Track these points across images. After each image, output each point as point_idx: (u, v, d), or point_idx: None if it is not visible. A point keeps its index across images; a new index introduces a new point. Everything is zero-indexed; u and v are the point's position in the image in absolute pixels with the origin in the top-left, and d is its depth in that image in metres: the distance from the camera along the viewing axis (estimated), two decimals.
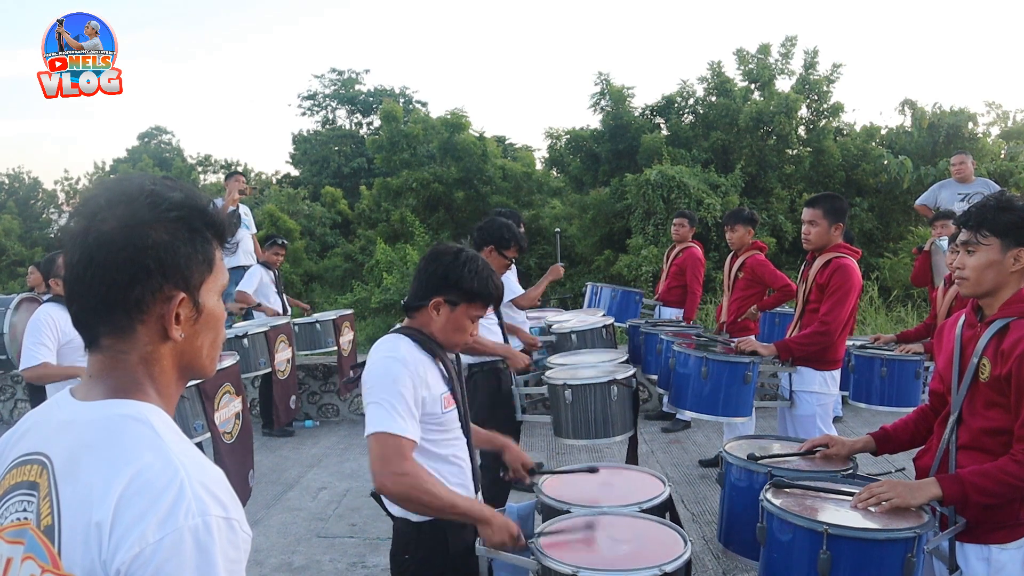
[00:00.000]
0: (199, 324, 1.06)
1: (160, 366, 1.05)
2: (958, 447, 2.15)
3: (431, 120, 15.03)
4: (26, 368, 3.76)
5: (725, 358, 3.83)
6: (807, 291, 3.82)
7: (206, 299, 1.06)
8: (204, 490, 0.94)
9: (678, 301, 6.42)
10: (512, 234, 3.92)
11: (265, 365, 5.54)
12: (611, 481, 2.63)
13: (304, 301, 12.74)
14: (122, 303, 1.00)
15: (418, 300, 2.13)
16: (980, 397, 2.10)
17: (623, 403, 3.62)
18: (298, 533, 4.54)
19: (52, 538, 0.96)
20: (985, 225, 2.08)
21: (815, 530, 1.95)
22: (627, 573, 1.91)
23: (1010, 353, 2.00)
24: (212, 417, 3.99)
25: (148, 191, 1.02)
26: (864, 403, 4.19)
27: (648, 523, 2.26)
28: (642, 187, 11.08)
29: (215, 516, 0.93)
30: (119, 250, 0.99)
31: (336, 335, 6.56)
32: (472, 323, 2.15)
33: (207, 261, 1.05)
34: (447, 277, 2.10)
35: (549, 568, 1.96)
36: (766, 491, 2.18)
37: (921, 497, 2.04)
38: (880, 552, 1.93)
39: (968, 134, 12.84)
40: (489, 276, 2.13)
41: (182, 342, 1.05)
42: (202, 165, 24.54)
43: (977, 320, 2.18)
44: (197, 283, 1.04)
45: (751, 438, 2.95)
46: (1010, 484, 1.97)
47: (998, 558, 2.09)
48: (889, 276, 10.71)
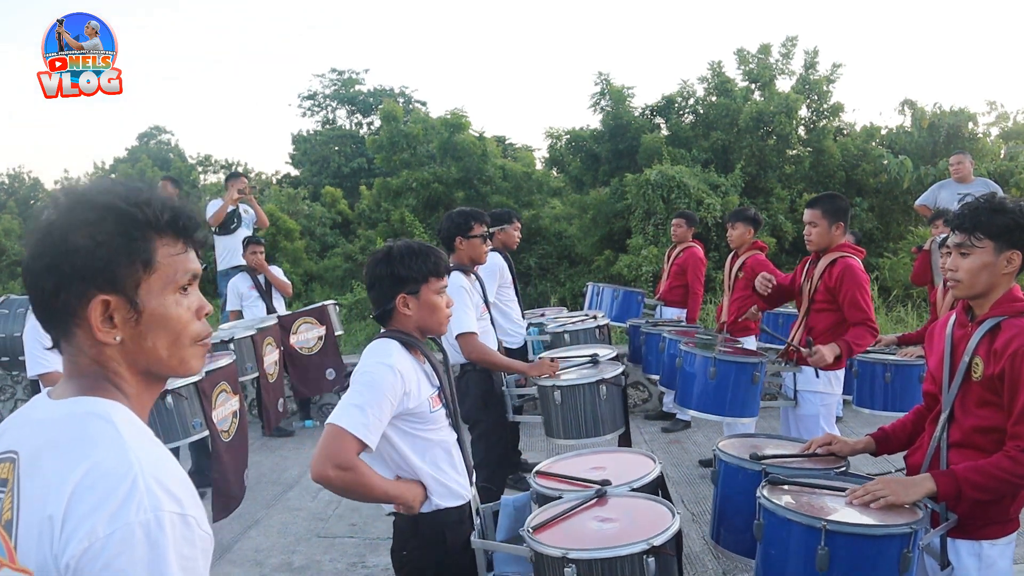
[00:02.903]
0: (142, 325, 1.04)
1: (112, 367, 1.05)
2: (949, 445, 2.18)
3: (431, 120, 15.00)
4: (36, 375, 3.74)
5: (734, 358, 3.83)
6: (812, 290, 3.80)
7: (147, 300, 1.04)
8: (158, 485, 0.94)
9: (679, 301, 6.43)
10: (465, 213, 3.97)
11: (253, 370, 5.44)
12: (603, 464, 2.65)
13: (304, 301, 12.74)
14: (56, 309, 1.02)
15: (384, 305, 2.20)
16: (972, 396, 2.12)
17: (612, 401, 3.63)
18: (298, 533, 4.54)
19: (10, 532, 0.96)
20: (980, 228, 2.09)
21: (813, 526, 1.96)
22: (616, 549, 1.92)
23: (1003, 352, 2.02)
24: (210, 415, 3.99)
25: (76, 196, 1.03)
26: (868, 408, 4.18)
27: (637, 500, 2.28)
28: (642, 187, 11.07)
29: (168, 512, 0.93)
30: (40, 258, 1.01)
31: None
32: (441, 297, 2.23)
33: (142, 261, 1.03)
34: (393, 273, 2.18)
35: (541, 553, 1.99)
36: (762, 488, 2.19)
37: (916, 493, 2.07)
38: (877, 547, 1.95)
39: (968, 134, 12.82)
40: (423, 250, 2.23)
41: (130, 344, 1.04)
42: (202, 165, 24.49)
43: (968, 320, 2.19)
44: (131, 284, 1.02)
45: (744, 436, 2.96)
46: (1004, 480, 2.00)
47: (989, 553, 2.12)
48: (889, 276, 10.70)
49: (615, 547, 1.93)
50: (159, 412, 3.85)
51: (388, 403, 2.04)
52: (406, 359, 2.15)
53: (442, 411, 2.22)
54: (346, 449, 1.97)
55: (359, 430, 1.98)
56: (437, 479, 2.19)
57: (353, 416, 2.00)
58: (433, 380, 2.24)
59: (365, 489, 2.03)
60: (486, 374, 3.98)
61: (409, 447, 2.15)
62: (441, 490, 2.19)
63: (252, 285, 6.42)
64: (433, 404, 2.18)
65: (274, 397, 5.89)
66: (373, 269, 2.23)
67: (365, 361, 2.12)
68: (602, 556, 1.92)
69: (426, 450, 2.17)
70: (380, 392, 2.03)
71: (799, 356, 3.84)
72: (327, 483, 2.01)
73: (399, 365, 2.08)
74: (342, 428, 1.98)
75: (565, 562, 1.91)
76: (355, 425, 1.98)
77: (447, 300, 2.27)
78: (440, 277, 2.23)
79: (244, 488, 4.31)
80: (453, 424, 2.28)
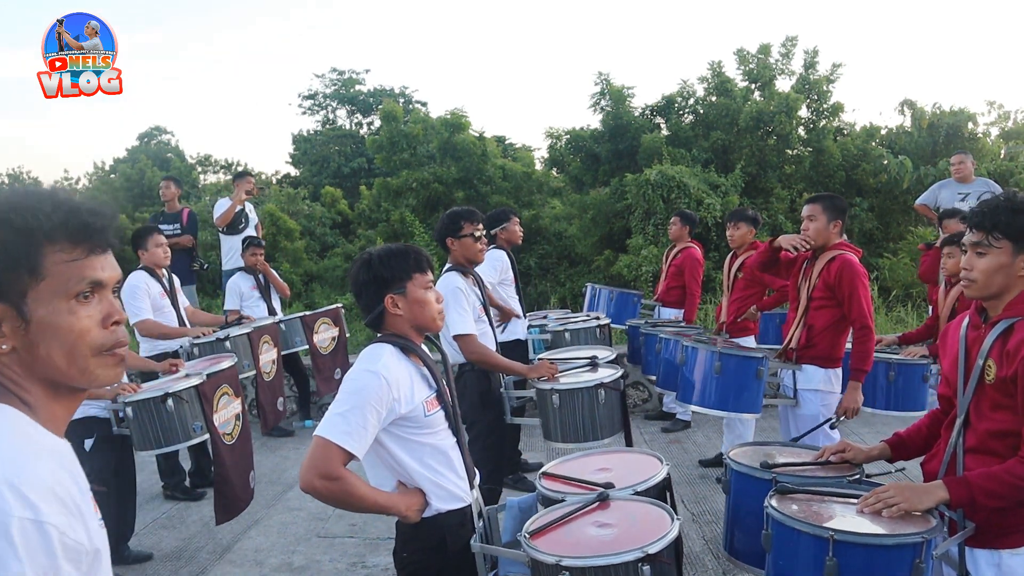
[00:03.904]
0: (32, 334, 1.02)
1: (8, 375, 1.03)
2: (965, 450, 2.12)
3: (431, 120, 15.00)
4: None
5: (738, 353, 3.81)
6: (811, 288, 3.80)
7: (35, 308, 1.01)
8: (10, 489, 0.91)
9: (677, 301, 6.42)
10: (454, 213, 3.98)
11: (249, 368, 5.42)
12: (609, 464, 2.63)
13: (304, 301, 12.74)
14: None
15: (374, 309, 2.21)
16: (986, 399, 2.06)
17: (611, 405, 3.60)
18: (298, 533, 4.55)
19: None
20: (999, 228, 2.02)
21: (821, 536, 1.91)
22: (609, 557, 1.90)
23: (1015, 353, 1.96)
24: (211, 418, 3.99)
25: None
26: (870, 408, 4.14)
27: (639, 505, 2.25)
28: (642, 187, 11.07)
29: (18, 518, 0.90)
30: None
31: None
32: (429, 292, 2.24)
33: (27, 269, 1.00)
34: (377, 277, 2.19)
35: (535, 560, 1.98)
36: (770, 497, 2.14)
37: (929, 501, 2.01)
38: (888, 557, 1.89)
39: (968, 134, 12.82)
40: (402, 250, 2.25)
41: (24, 353, 1.02)
42: (202, 165, 24.50)
43: (981, 321, 2.13)
44: (16, 293, 1.00)
45: (756, 445, 2.88)
46: (1018, 486, 1.93)
47: (1008, 563, 2.06)
48: (889, 276, 10.69)
49: (609, 555, 1.91)
50: (159, 415, 3.85)
51: (373, 409, 2.02)
52: (398, 363, 2.13)
53: (439, 414, 2.21)
54: (330, 459, 1.97)
55: (341, 439, 1.98)
56: (436, 483, 2.18)
57: (336, 425, 2.00)
58: (431, 383, 2.22)
59: (353, 499, 2.04)
60: (484, 374, 3.98)
61: (405, 452, 2.15)
62: (441, 493, 2.19)
63: (253, 285, 6.41)
64: (429, 408, 2.17)
65: (271, 397, 5.86)
66: (357, 276, 2.24)
67: (353, 368, 2.13)
68: (596, 564, 1.89)
69: (423, 454, 2.16)
70: (363, 399, 2.02)
71: (798, 355, 3.84)
72: (315, 494, 2.01)
73: (387, 371, 2.07)
74: (325, 439, 1.99)
75: (558, 569, 1.90)
76: (337, 434, 1.98)
77: (436, 295, 2.27)
78: (424, 272, 2.23)
79: (251, 491, 4.28)
80: (453, 427, 2.27)
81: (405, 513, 2.14)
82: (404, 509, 2.14)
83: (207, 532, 4.62)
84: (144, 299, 4.93)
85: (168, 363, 4.42)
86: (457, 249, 3.95)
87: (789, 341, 3.91)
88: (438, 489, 2.19)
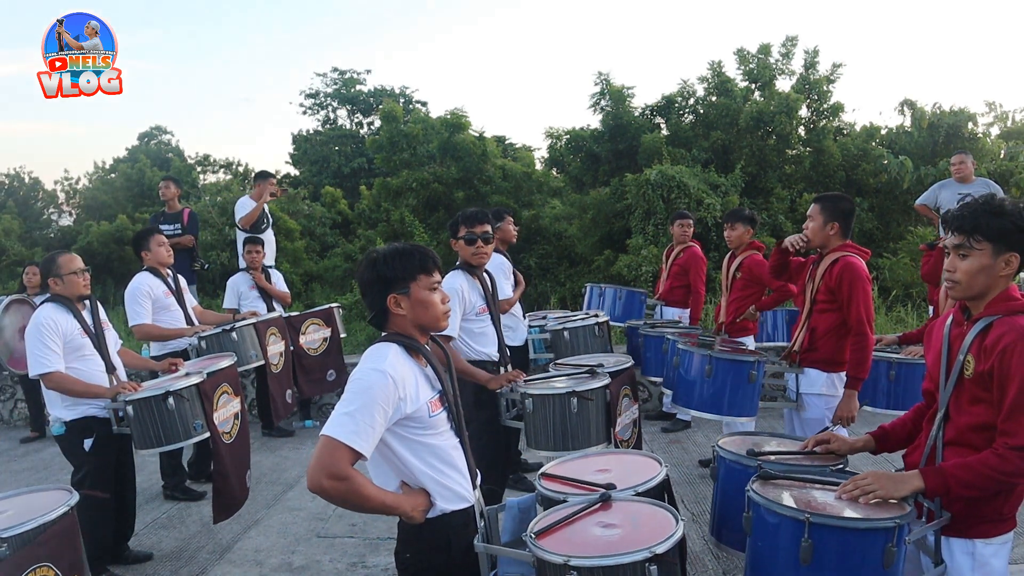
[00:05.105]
0: None
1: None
2: (944, 443, 2.19)
3: (431, 120, 15.01)
4: (38, 375, 3.73)
5: (730, 356, 3.81)
6: (815, 291, 3.79)
7: None
8: None
9: (680, 301, 6.41)
10: (456, 217, 4.04)
11: (257, 357, 5.43)
12: (608, 466, 2.65)
13: (304, 301, 12.74)
14: None
15: (378, 308, 2.21)
16: (965, 394, 2.14)
17: (586, 416, 3.52)
18: (298, 533, 4.54)
19: None
20: (979, 230, 2.09)
21: (797, 518, 1.99)
22: (617, 557, 1.91)
23: (992, 349, 2.04)
24: (211, 417, 3.99)
25: None
26: (871, 407, 4.16)
27: (642, 505, 2.27)
28: (642, 187, 11.07)
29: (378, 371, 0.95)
30: None
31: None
32: (434, 293, 2.23)
33: None
34: (380, 276, 2.19)
35: (543, 560, 1.99)
36: (753, 482, 2.22)
37: (904, 489, 2.09)
38: (861, 541, 1.98)
39: (968, 134, 12.83)
40: (409, 250, 2.24)
41: None
42: (202, 165, 24.51)
43: (964, 319, 2.22)
44: None
45: (746, 434, 2.95)
46: (991, 477, 2.01)
47: (982, 552, 2.13)
48: (889, 276, 10.70)
49: (617, 555, 1.91)
50: (160, 413, 3.84)
51: (380, 408, 2.03)
52: (404, 363, 2.13)
53: (443, 415, 2.21)
54: (338, 459, 1.97)
55: (349, 438, 1.98)
56: (440, 483, 2.18)
57: (344, 425, 2.00)
58: (435, 384, 2.23)
59: (361, 499, 2.04)
60: None
61: (410, 452, 2.15)
62: (446, 494, 2.19)
63: (253, 285, 6.43)
64: (433, 408, 2.17)
65: (281, 388, 5.85)
66: (362, 275, 2.25)
67: (359, 367, 2.12)
68: (604, 564, 1.90)
69: (427, 455, 2.16)
70: (370, 398, 2.02)
71: (801, 357, 3.83)
72: (323, 494, 2.01)
73: (393, 370, 2.07)
74: (333, 438, 1.99)
75: (566, 569, 1.90)
76: (345, 434, 1.98)
77: (442, 296, 2.27)
78: (429, 273, 2.22)
79: (247, 490, 4.30)
80: (456, 428, 2.27)
81: (411, 514, 2.15)
82: (410, 510, 2.14)
83: (207, 532, 4.61)
84: (144, 303, 4.93)
85: (168, 362, 4.43)
86: (458, 251, 4.01)
87: (793, 344, 3.90)
88: (443, 490, 2.19)
